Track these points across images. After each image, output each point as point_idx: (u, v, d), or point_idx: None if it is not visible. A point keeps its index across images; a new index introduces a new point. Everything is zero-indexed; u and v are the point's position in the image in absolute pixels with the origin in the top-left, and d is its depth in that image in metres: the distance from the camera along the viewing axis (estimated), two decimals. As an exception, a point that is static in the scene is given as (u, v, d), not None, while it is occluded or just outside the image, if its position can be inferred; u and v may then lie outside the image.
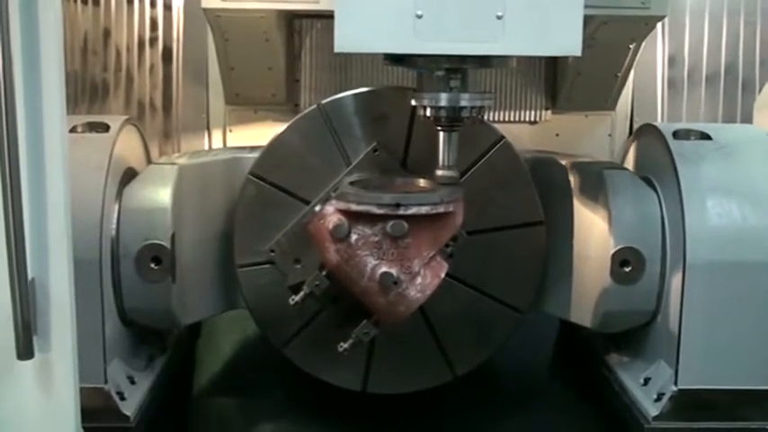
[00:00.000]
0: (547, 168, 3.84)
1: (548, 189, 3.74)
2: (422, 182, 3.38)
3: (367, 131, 3.55)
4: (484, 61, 3.10)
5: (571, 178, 3.76)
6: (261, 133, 4.61)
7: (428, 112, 3.18)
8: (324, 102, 3.56)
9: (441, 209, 3.13)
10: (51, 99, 2.36)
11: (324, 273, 3.28)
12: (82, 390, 2.56)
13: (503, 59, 3.16)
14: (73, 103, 4.75)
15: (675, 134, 3.58)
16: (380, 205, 3.08)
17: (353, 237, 3.12)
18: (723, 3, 5.07)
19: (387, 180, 3.40)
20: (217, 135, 4.80)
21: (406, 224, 3.08)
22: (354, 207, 3.11)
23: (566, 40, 2.92)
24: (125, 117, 3.68)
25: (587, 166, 3.79)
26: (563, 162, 3.84)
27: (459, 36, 2.89)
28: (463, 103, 3.13)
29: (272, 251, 3.55)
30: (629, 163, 4.01)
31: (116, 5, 4.84)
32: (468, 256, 3.51)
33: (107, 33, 4.84)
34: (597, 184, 3.60)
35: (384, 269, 3.10)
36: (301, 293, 3.31)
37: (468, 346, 3.70)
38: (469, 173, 3.54)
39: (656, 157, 3.64)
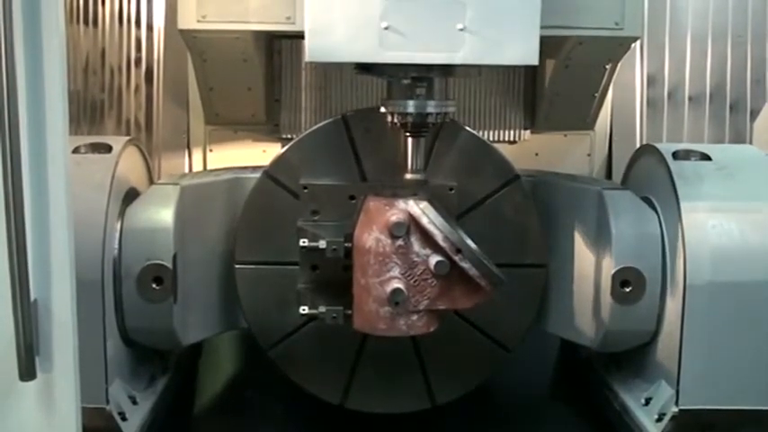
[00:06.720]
0: (548, 188, 3.85)
1: (549, 209, 3.75)
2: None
3: None
4: (447, 70, 3.23)
5: (572, 198, 3.76)
6: (241, 153, 4.62)
7: (396, 119, 3.28)
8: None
9: (483, 282, 3.12)
10: (54, 120, 2.37)
11: (347, 245, 3.28)
12: (84, 410, 2.55)
13: (465, 69, 3.29)
14: (75, 123, 4.76)
15: (675, 155, 3.60)
16: (447, 239, 3.09)
17: (400, 242, 3.12)
18: (708, 24, 5.07)
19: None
20: (197, 155, 4.75)
21: (449, 269, 3.09)
22: (425, 222, 3.11)
23: (523, 51, 3.07)
24: (127, 138, 3.71)
25: (588, 186, 3.80)
26: (564, 182, 3.86)
27: (423, 46, 3.05)
28: (429, 110, 3.26)
29: (305, 188, 3.55)
30: (630, 183, 4.02)
31: (110, 26, 4.85)
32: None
33: (103, 54, 4.86)
34: (598, 205, 3.61)
35: (399, 286, 3.09)
36: (314, 244, 3.36)
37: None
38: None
39: (656, 178, 3.65)
